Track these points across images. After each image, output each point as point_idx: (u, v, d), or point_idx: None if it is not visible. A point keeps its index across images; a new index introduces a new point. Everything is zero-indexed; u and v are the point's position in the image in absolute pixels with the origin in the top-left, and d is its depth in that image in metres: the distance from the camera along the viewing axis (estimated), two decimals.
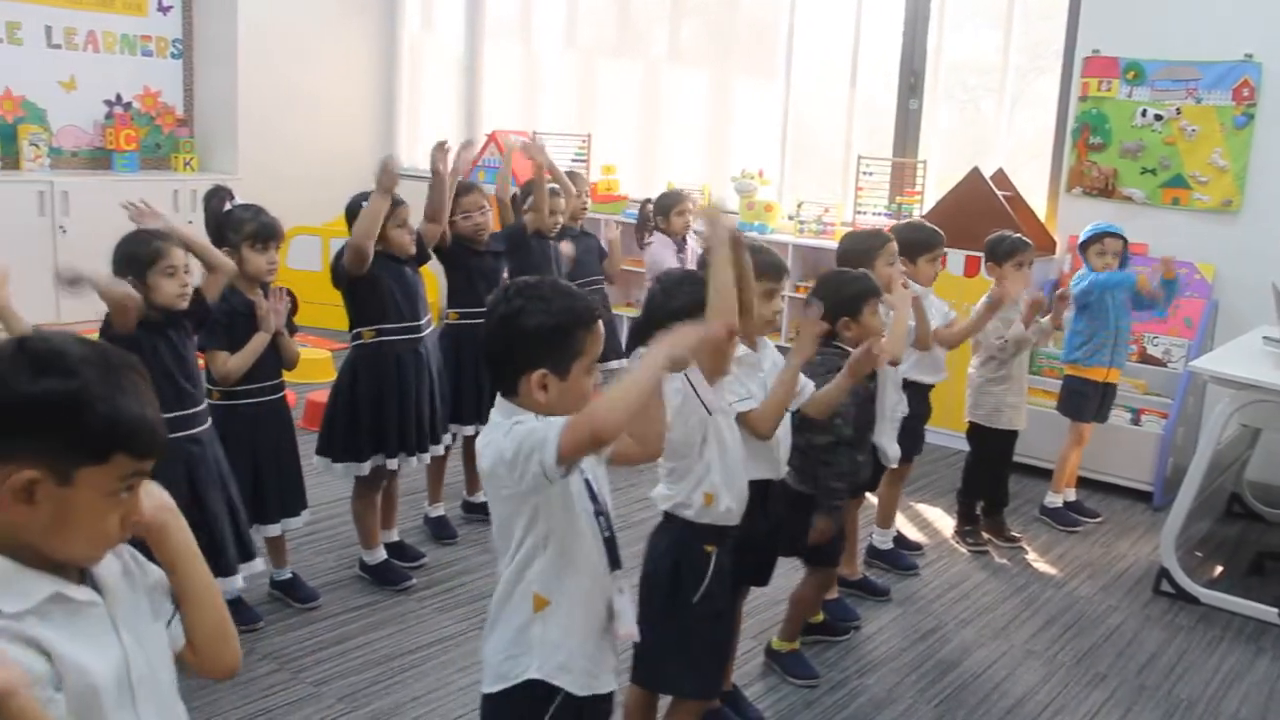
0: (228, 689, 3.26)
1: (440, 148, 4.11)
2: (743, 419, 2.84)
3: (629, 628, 2.18)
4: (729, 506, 2.71)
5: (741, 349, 2.92)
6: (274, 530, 3.74)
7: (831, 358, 3.34)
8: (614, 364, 4.89)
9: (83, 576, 1.41)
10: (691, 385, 2.54)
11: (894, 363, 3.72)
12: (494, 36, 8.52)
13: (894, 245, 3.92)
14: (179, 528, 1.52)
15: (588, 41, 8.18)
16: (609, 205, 7.09)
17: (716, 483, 2.68)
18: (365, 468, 3.96)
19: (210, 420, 3.42)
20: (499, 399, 2.12)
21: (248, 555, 3.50)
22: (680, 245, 5.67)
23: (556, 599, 2.10)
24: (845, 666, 3.68)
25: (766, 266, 2.95)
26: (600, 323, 2.12)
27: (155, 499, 1.48)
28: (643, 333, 2.63)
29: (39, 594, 1.34)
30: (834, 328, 3.38)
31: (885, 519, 4.49)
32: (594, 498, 2.13)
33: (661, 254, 5.51)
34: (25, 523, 1.32)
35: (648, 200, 5.76)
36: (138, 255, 3.18)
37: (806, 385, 3.10)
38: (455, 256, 4.39)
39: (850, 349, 3.34)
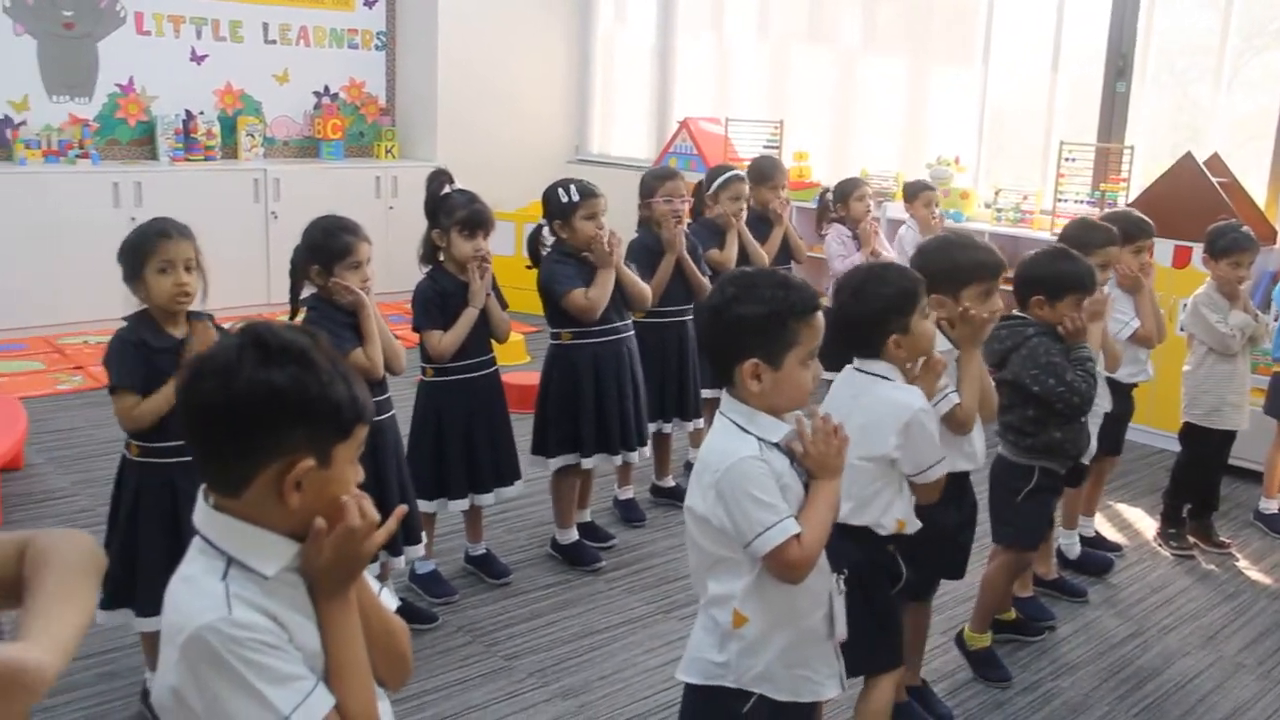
0: (425, 658, 3.39)
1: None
2: (949, 416, 2.78)
3: (841, 630, 2.17)
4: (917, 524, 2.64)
5: (945, 344, 2.85)
6: (488, 499, 3.84)
7: (1017, 329, 3.23)
8: None
9: None
10: None
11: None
12: (686, 27, 8.56)
13: (1115, 250, 3.74)
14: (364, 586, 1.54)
15: (780, 29, 8.11)
16: (801, 192, 7.02)
17: (907, 509, 2.61)
18: (551, 464, 4.05)
19: (393, 408, 3.48)
20: (724, 396, 2.14)
21: (413, 539, 3.54)
22: (855, 236, 5.60)
23: (756, 616, 2.11)
24: (1039, 668, 3.57)
25: (983, 266, 2.88)
26: (819, 314, 2.10)
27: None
28: (843, 338, 2.57)
29: (289, 550, 1.44)
30: (1026, 302, 3.27)
31: (1070, 518, 4.29)
32: None
33: (840, 244, 5.47)
34: (290, 511, 1.42)
35: (826, 189, 5.72)
36: (328, 248, 3.25)
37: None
38: (644, 259, 4.41)
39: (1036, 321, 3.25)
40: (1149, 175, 5.91)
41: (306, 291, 3.35)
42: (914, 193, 5.85)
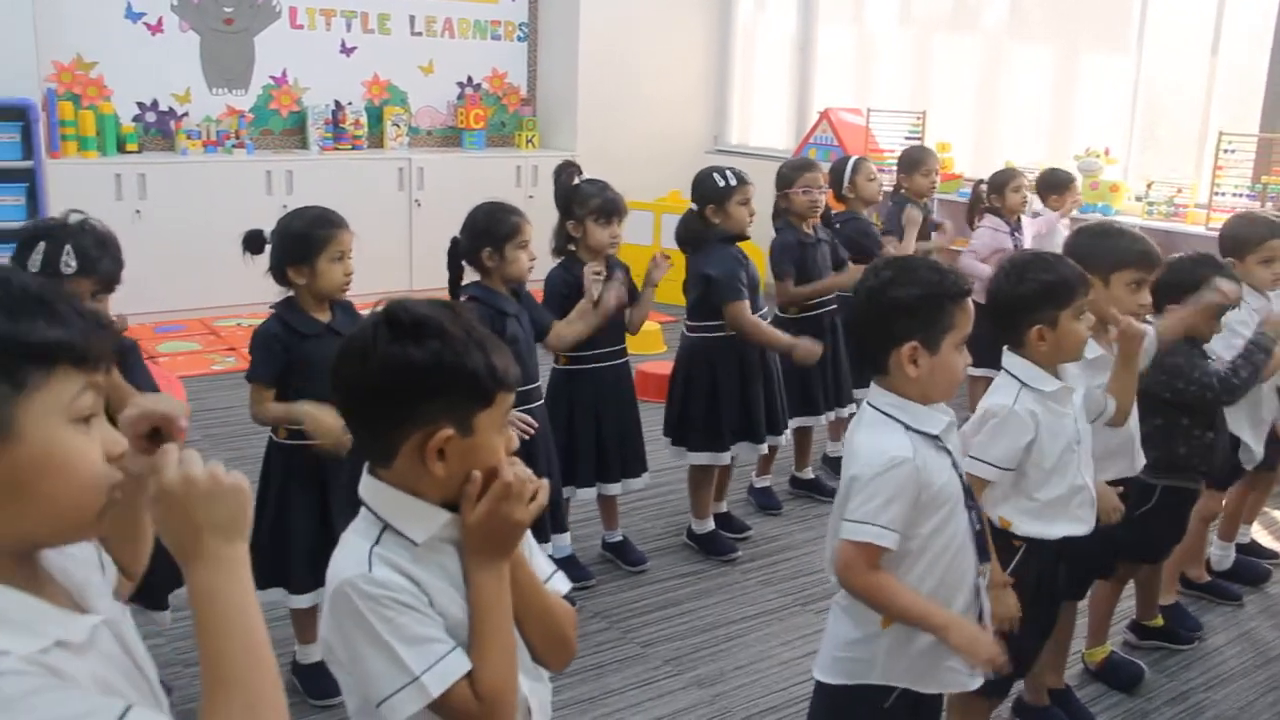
0: None
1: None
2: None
3: (988, 619, 2.14)
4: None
5: (1097, 350, 2.78)
6: (615, 489, 3.88)
7: None
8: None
9: None
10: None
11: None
12: (827, 15, 8.47)
13: (1277, 243, 3.57)
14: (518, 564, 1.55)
15: (923, 16, 7.97)
16: (942, 184, 6.90)
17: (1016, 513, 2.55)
18: (701, 458, 4.06)
19: (544, 398, 3.57)
20: (873, 388, 2.13)
21: (560, 527, 3.65)
22: (1014, 226, 5.49)
23: None
24: (1188, 678, 3.44)
25: (1136, 254, 2.79)
26: (970, 300, 2.09)
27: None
28: (991, 320, 2.53)
29: (439, 518, 1.48)
30: (1163, 310, 3.15)
31: (1229, 529, 4.11)
32: (967, 491, 2.11)
33: (992, 235, 5.35)
34: (437, 479, 1.46)
35: (980, 181, 5.60)
36: (496, 230, 3.36)
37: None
38: (790, 254, 4.38)
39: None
40: None
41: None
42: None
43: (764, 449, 4.18)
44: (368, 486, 1.51)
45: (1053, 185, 5.72)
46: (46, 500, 1.07)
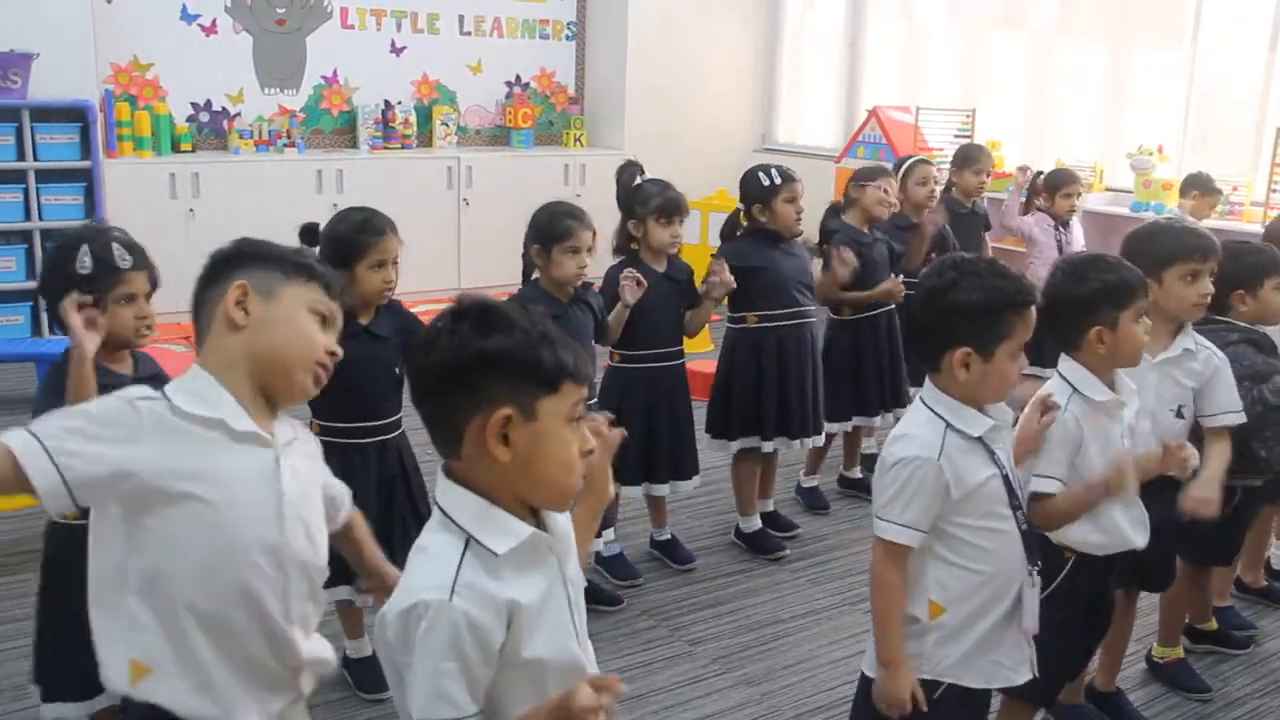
0: (610, 639, 3.45)
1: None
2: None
3: (1030, 622, 2.13)
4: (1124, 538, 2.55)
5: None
6: (663, 490, 3.87)
7: (1220, 333, 3.06)
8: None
9: (539, 525, 1.55)
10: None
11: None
12: (876, 12, 8.43)
13: None
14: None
15: (973, 13, 7.91)
16: (993, 182, 6.82)
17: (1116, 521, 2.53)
18: (733, 447, 4.06)
19: (596, 395, 3.57)
20: (927, 383, 2.13)
21: (606, 523, 3.66)
22: (1061, 224, 5.46)
23: (954, 606, 2.09)
24: (1243, 683, 3.39)
25: (1184, 246, 2.76)
26: (1034, 309, 2.07)
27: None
28: (1048, 322, 2.50)
29: (522, 534, 1.49)
30: (1226, 302, 3.11)
31: None
32: (1012, 493, 2.10)
33: (1038, 229, 5.33)
34: (506, 465, 1.47)
35: (1040, 172, 5.56)
36: (549, 230, 3.37)
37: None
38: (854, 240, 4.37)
39: (1243, 324, 3.07)
40: None
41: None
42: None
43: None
44: (445, 492, 1.52)
45: (1197, 184, 5.62)
46: (280, 349, 1.72)
